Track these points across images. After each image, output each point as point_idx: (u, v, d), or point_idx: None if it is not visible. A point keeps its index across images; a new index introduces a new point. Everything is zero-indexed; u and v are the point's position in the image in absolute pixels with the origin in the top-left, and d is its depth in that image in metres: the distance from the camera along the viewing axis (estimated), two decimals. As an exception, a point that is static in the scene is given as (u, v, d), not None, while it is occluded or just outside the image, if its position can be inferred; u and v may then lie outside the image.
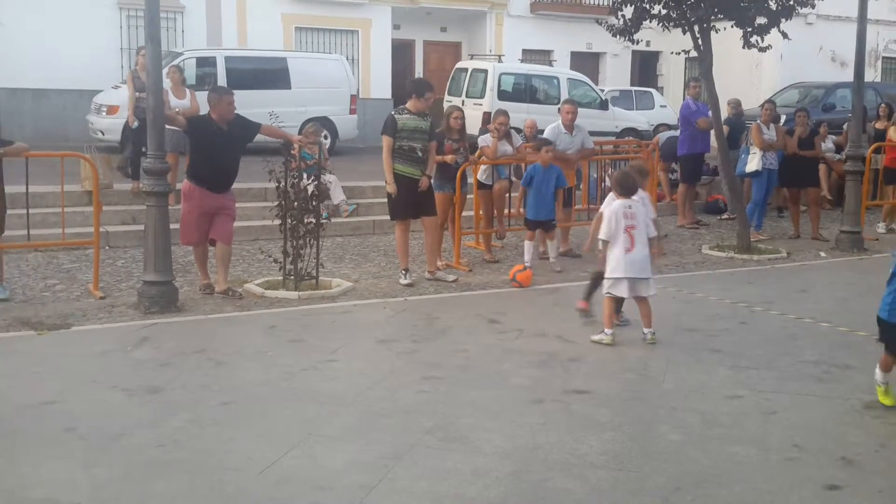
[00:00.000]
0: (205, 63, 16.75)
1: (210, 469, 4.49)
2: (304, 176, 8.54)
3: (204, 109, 9.08)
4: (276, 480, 4.37)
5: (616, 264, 6.86)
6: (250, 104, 13.94)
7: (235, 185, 8.55)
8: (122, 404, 5.43)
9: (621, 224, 6.86)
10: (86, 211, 10.57)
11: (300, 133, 11.61)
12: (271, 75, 17.34)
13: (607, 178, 12.93)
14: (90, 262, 8.97)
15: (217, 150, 8.16)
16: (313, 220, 8.44)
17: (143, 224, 8.14)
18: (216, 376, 5.98)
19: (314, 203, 8.43)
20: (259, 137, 8.54)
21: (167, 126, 8.26)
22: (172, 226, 8.01)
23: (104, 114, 15.92)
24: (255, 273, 9.36)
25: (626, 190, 7.03)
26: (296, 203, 8.32)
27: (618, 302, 7.03)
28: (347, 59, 19.66)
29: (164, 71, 9.40)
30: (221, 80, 16.02)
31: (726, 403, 5.65)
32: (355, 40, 22.29)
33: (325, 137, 15.80)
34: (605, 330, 6.92)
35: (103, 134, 15.83)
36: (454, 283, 8.95)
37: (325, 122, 16.66)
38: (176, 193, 9.27)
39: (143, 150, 11.54)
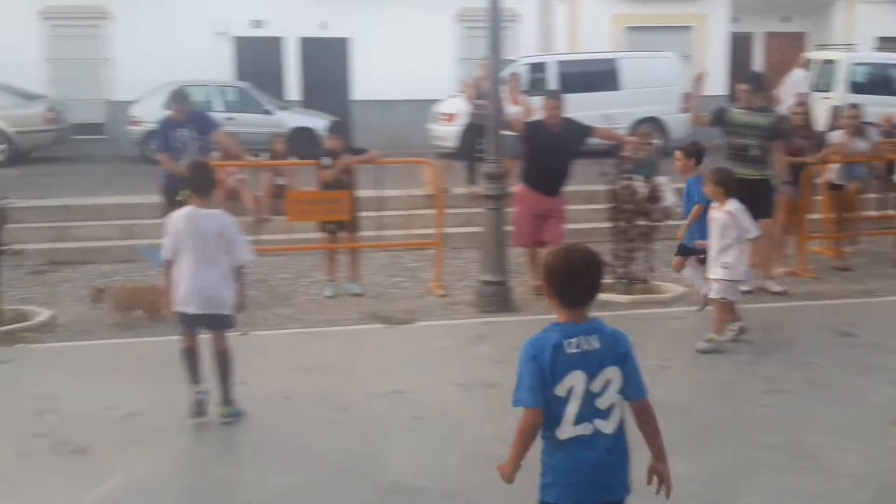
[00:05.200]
0: (537, 69, 17.17)
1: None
2: (638, 178, 8.39)
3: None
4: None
5: None
6: (581, 107, 14.01)
7: (567, 188, 8.62)
8: (462, 397, 5.67)
9: None
10: (427, 213, 11.20)
11: (631, 134, 11.46)
12: (602, 77, 17.36)
13: None
14: (431, 262, 9.49)
15: (549, 153, 8.27)
16: (645, 223, 8.27)
17: (478, 226, 8.46)
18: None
19: (647, 206, 8.26)
20: (592, 140, 8.54)
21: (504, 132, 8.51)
22: (508, 228, 8.26)
23: (443, 122, 16.89)
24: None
25: None
26: (628, 206, 8.21)
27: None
28: (681, 56, 19.15)
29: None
30: (553, 85, 16.31)
31: None
32: (689, 36, 21.69)
33: (655, 138, 15.47)
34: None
35: (442, 140, 16.78)
36: (781, 295, 8.25)
37: (655, 123, 16.36)
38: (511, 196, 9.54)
39: (480, 155, 12.13)
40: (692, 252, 7.49)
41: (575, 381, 2.84)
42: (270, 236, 10.26)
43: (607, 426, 2.86)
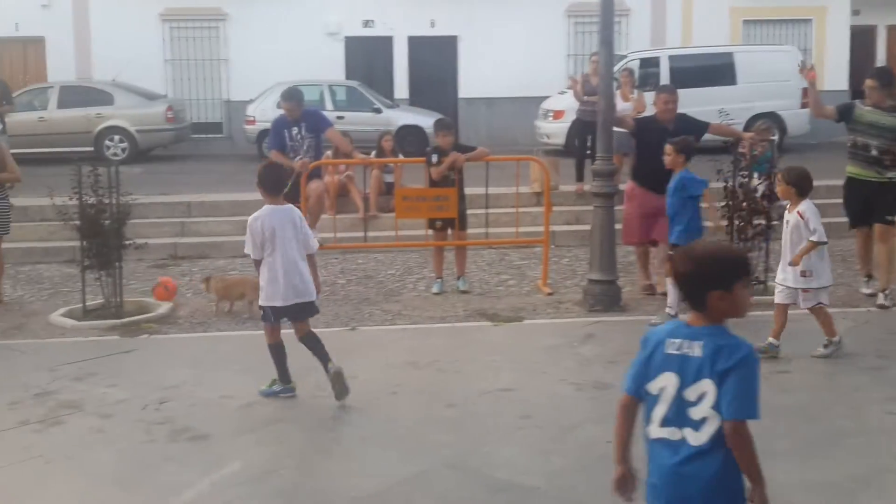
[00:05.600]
0: (648, 64, 16.89)
1: (659, 471, 4.44)
2: (755, 175, 8.13)
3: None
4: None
5: None
6: (696, 102, 13.70)
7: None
8: (571, 397, 5.62)
9: None
10: (534, 211, 11.13)
11: (748, 130, 11.11)
12: (716, 71, 16.98)
13: None
14: (538, 260, 9.44)
15: (660, 150, 8.09)
16: (763, 222, 8.01)
17: (586, 224, 8.35)
18: (662, 378, 5.92)
19: (765, 203, 8.00)
20: (706, 136, 8.33)
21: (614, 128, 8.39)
22: (616, 226, 8.14)
23: (550, 118, 16.79)
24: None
25: None
26: (744, 203, 7.97)
27: None
28: (799, 49, 18.53)
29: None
30: (665, 80, 16.02)
31: None
32: (808, 30, 20.94)
33: (773, 134, 15.01)
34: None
35: (549, 138, 16.69)
36: (887, 307, 7.78)
37: (773, 118, 15.86)
38: (619, 194, 9.40)
39: (587, 152, 12.00)
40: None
41: (666, 382, 2.74)
42: (378, 233, 10.42)
43: (695, 438, 2.69)
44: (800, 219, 6.18)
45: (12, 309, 8.25)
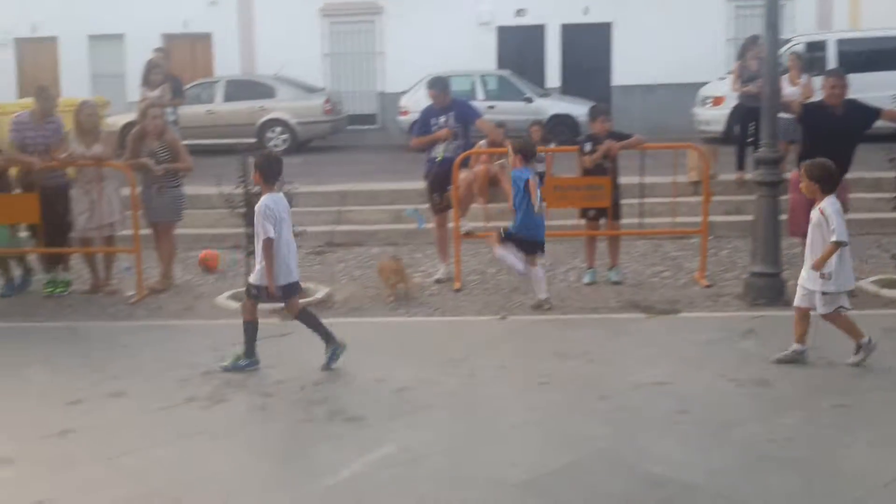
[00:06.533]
0: (815, 47, 16.09)
1: (825, 473, 4.23)
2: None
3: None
4: (903, 499, 3.92)
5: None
6: (867, 87, 12.92)
7: (849, 175, 7.96)
8: (731, 394, 5.40)
9: None
10: (691, 201, 10.78)
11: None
12: (889, 56, 15.97)
13: None
14: (694, 251, 9.14)
15: (829, 137, 7.68)
16: (941, 214, 7.46)
17: (747, 215, 8.01)
18: (827, 377, 5.63)
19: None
20: (878, 123, 7.83)
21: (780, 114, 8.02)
22: (781, 217, 7.77)
23: (709, 105, 16.25)
24: (868, 270, 8.60)
25: None
26: (924, 193, 7.45)
27: None
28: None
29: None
30: (832, 64, 15.24)
31: None
32: None
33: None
34: None
35: (707, 125, 16.16)
36: None
37: (950, 104, 14.76)
38: (784, 183, 8.97)
39: (749, 139, 11.51)
40: (515, 240, 7.47)
41: None
42: (530, 222, 10.34)
43: None
44: (821, 216, 5.70)
45: (182, 292, 8.71)
